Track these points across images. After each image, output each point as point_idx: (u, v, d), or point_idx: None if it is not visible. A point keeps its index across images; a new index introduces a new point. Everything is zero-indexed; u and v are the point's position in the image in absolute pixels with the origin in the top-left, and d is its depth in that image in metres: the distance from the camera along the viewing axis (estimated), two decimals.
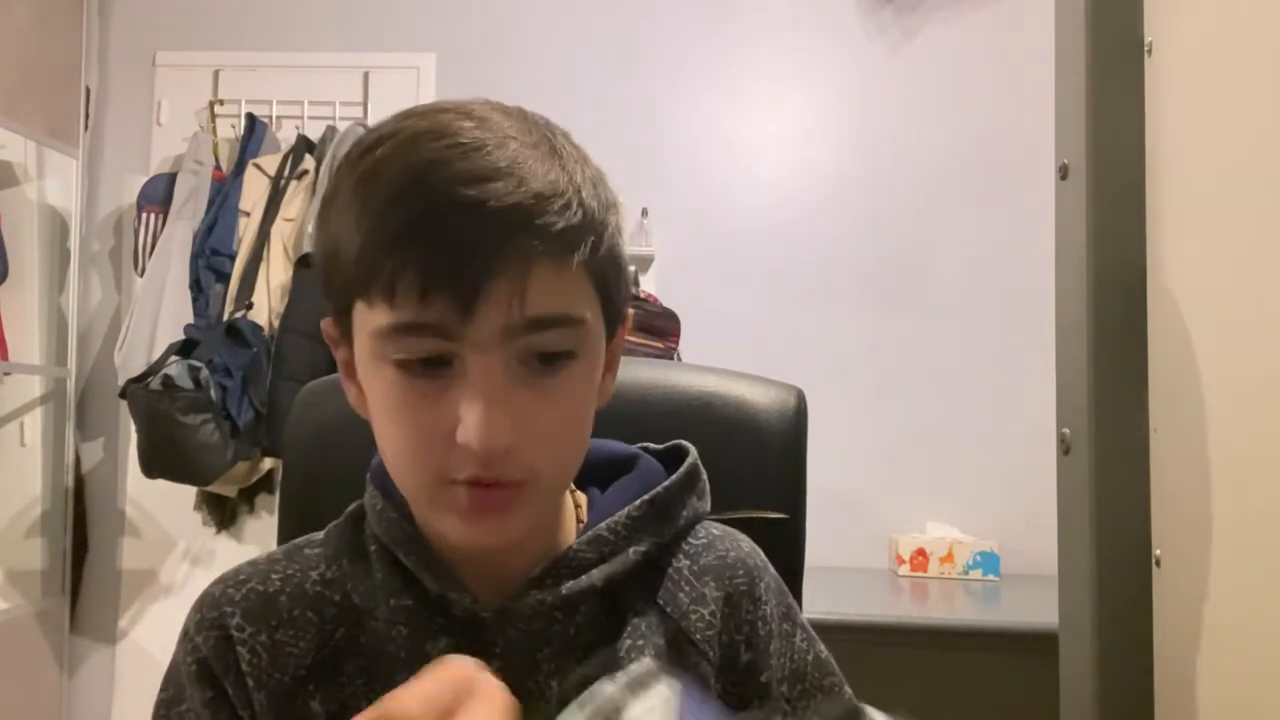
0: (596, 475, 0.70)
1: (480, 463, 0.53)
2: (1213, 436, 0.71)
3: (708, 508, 0.70)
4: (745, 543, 0.71)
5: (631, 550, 0.64)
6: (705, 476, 0.71)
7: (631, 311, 0.65)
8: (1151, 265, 0.80)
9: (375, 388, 0.56)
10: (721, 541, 0.70)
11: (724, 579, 0.67)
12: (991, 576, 2.34)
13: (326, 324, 0.61)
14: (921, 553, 2.37)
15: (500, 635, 0.61)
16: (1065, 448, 0.85)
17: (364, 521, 0.66)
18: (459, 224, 0.51)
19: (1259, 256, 0.66)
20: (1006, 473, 2.51)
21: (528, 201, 0.51)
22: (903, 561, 2.37)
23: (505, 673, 0.60)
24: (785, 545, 0.82)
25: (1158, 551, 0.78)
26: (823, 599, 2.01)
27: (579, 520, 0.67)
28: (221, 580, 0.64)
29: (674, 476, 0.68)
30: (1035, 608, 1.97)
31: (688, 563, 0.68)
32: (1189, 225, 0.75)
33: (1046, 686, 0.91)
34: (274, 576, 0.64)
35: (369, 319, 0.54)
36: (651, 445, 0.73)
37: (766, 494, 0.78)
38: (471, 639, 0.61)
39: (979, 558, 2.35)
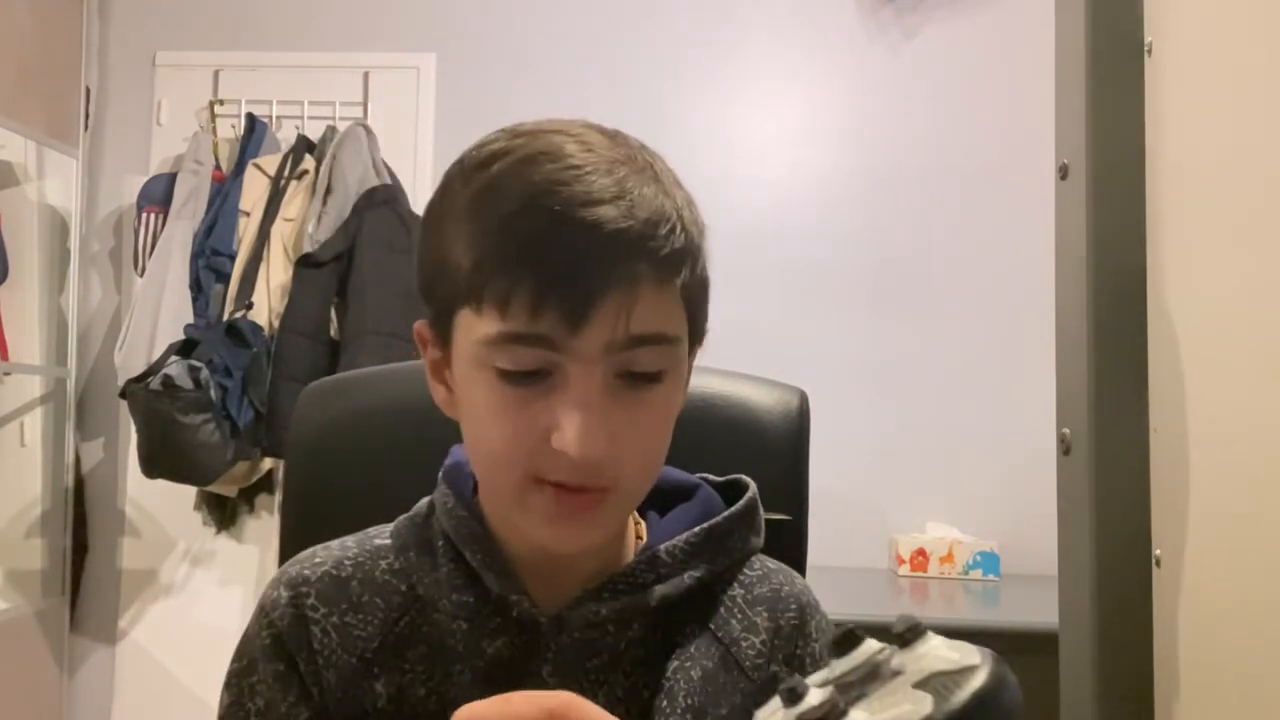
0: (656, 500, 0.72)
1: (573, 468, 0.56)
2: (1213, 436, 0.71)
3: (761, 543, 0.73)
4: (799, 580, 0.74)
5: (686, 575, 0.66)
6: (762, 512, 0.73)
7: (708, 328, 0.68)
8: (1151, 265, 0.80)
9: (473, 391, 0.59)
10: (776, 575, 0.73)
11: (776, 611, 0.70)
12: (991, 576, 2.34)
13: (420, 326, 0.65)
14: (921, 553, 2.37)
15: (554, 641, 0.63)
16: (1065, 448, 0.85)
17: (432, 518, 0.69)
18: (574, 245, 0.54)
19: (1259, 256, 0.66)
20: (1006, 473, 2.51)
21: (638, 227, 0.55)
22: (903, 561, 2.37)
23: (555, 678, 0.63)
24: (788, 546, 0.82)
25: (1158, 551, 0.78)
26: (823, 599, 2.01)
27: (637, 537, 0.70)
28: (298, 561, 0.68)
29: (733, 509, 0.71)
30: (1035, 608, 1.97)
31: (741, 592, 0.70)
32: (1189, 225, 0.75)
33: (1046, 686, 0.92)
34: (346, 562, 0.67)
35: (476, 326, 0.57)
36: (711, 476, 0.76)
37: (769, 495, 0.78)
38: (526, 641, 0.63)
39: (979, 558, 2.36)
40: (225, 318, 2.43)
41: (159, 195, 2.61)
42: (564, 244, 0.54)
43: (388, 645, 0.64)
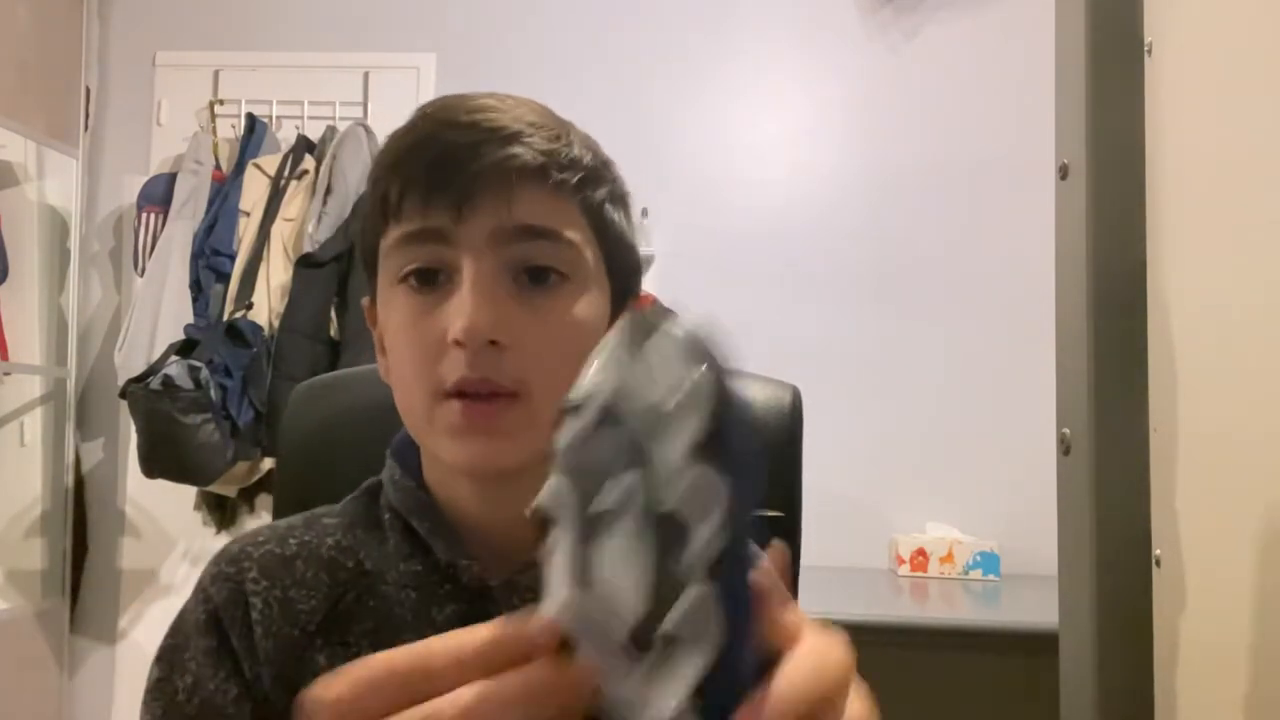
0: None
1: (468, 360, 0.56)
2: (1213, 436, 0.71)
3: None
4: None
5: None
6: None
7: (650, 295, 0.70)
8: (1151, 265, 0.80)
9: (390, 315, 0.61)
10: None
11: None
12: (991, 576, 2.34)
13: (366, 302, 0.67)
14: (921, 553, 2.37)
15: (505, 605, 0.62)
16: (1065, 448, 0.85)
17: (379, 495, 0.68)
18: (455, 140, 0.58)
19: (1259, 256, 0.66)
20: (1006, 473, 2.51)
21: (517, 125, 0.59)
22: (903, 561, 2.37)
23: None
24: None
25: (1158, 551, 0.78)
26: (823, 599, 2.01)
27: None
28: (240, 539, 0.66)
29: None
30: (1035, 608, 1.97)
31: None
32: (1189, 225, 0.75)
33: (1046, 686, 0.91)
34: (291, 541, 0.66)
35: (386, 244, 0.60)
36: None
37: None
38: (477, 608, 0.62)
39: (979, 558, 2.35)
40: (225, 318, 2.43)
41: (159, 195, 2.61)
42: (446, 141, 0.58)
43: (332, 620, 0.62)
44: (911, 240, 2.64)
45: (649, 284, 2.65)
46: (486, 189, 0.57)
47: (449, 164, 0.58)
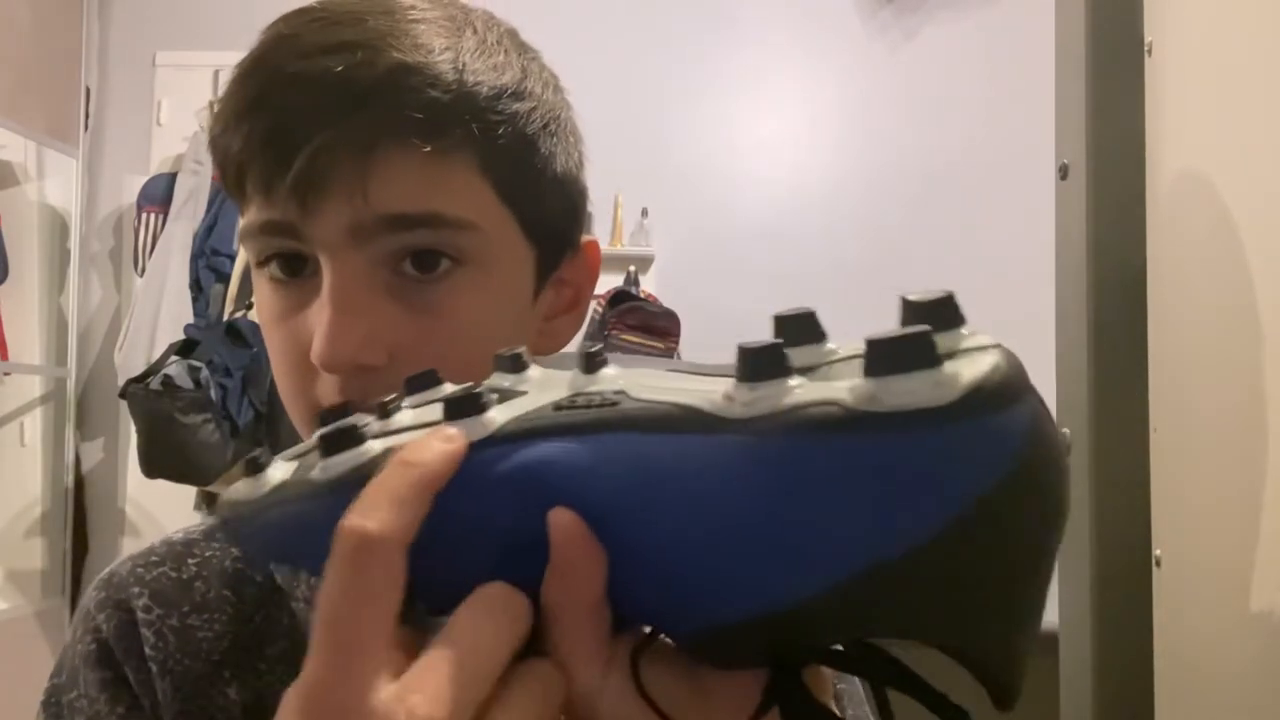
0: None
1: (338, 385, 0.45)
2: (1213, 436, 0.71)
3: None
4: None
5: None
6: None
7: (594, 239, 0.57)
8: (1151, 265, 0.80)
9: (259, 304, 0.50)
10: None
11: None
12: None
13: None
14: None
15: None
16: (1065, 448, 0.85)
17: None
18: (293, 102, 0.44)
19: (1259, 256, 0.66)
20: None
21: (372, 76, 0.44)
22: None
23: None
24: None
25: (1158, 551, 0.78)
26: None
27: None
28: (131, 558, 0.56)
29: None
30: None
31: None
32: (1189, 226, 0.75)
33: (1047, 686, 0.91)
34: (190, 561, 0.56)
35: (242, 221, 0.49)
36: None
37: None
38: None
39: None
40: (225, 318, 2.43)
41: (159, 195, 2.61)
42: (282, 104, 0.44)
43: (240, 645, 0.53)
44: (911, 239, 2.64)
45: (649, 284, 2.65)
46: (335, 173, 0.44)
47: (285, 137, 0.44)
